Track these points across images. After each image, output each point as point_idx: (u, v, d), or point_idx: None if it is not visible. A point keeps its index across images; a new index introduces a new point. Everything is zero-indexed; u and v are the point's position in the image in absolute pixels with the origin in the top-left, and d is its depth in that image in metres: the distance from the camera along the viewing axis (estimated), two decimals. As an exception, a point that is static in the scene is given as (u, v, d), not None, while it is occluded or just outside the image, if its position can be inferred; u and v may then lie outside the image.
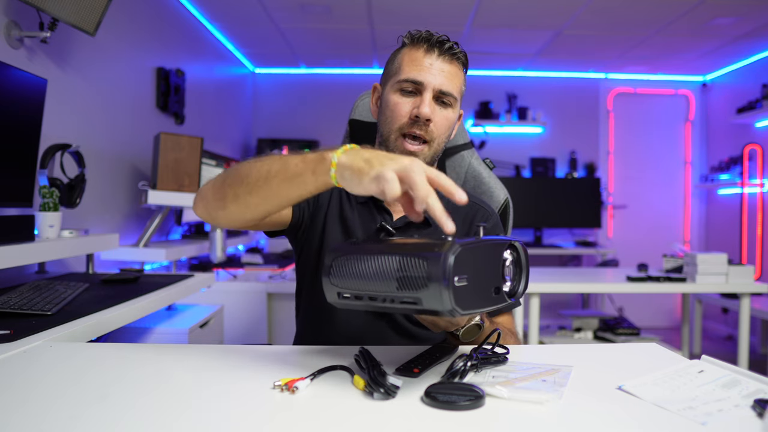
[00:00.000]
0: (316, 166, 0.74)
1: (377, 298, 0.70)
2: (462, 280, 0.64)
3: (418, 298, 0.66)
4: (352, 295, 0.73)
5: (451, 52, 1.03)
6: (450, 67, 1.03)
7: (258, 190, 0.82)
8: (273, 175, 0.80)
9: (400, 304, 0.68)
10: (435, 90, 1.02)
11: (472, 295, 0.67)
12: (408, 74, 1.02)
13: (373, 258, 0.70)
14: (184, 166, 2.40)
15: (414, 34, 1.05)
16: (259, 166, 0.82)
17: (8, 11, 1.76)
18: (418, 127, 1.02)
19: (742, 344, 2.64)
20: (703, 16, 3.41)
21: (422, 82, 1.02)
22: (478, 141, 4.84)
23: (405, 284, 0.66)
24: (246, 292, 2.72)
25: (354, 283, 0.72)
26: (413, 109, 1.02)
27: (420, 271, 0.65)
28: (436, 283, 0.63)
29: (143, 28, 2.75)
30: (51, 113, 1.85)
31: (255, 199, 0.83)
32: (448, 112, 1.05)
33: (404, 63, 1.04)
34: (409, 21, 3.57)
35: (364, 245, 0.75)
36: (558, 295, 4.68)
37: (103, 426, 0.59)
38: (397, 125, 1.04)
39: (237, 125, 4.48)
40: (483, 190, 1.34)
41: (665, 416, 0.62)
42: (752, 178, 4.20)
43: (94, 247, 1.94)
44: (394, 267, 0.67)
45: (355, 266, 0.71)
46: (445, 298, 0.63)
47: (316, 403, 0.65)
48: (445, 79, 1.02)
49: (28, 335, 1.00)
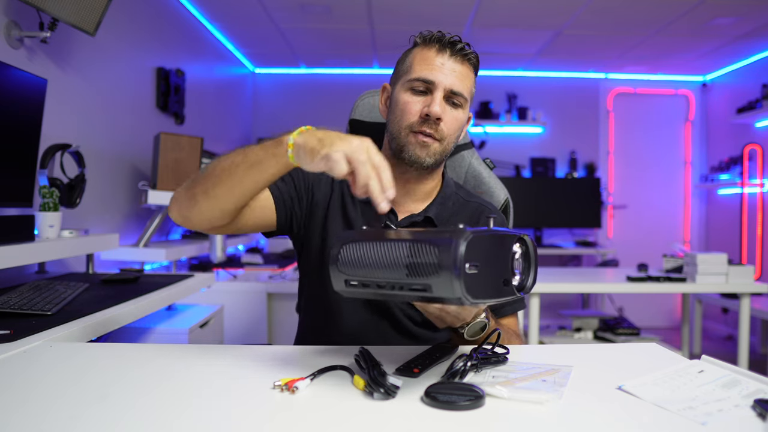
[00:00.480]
0: (275, 149, 0.81)
1: (386, 285, 0.69)
2: (473, 267, 0.64)
3: (428, 284, 0.65)
4: (359, 283, 0.72)
5: (462, 53, 1.03)
6: (461, 68, 1.03)
7: (224, 182, 0.87)
8: (236, 165, 0.86)
9: (410, 291, 0.67)
10: (446, 89, 1.02)
11: (482, 284, 0.66)
12: (419, 73, 1.02)
13: (383, 244, 0.69)
14: (184, 166, 2.40)
15: (426, 34, 1.05)
16: (224, 160, 0.88)
17: (8, 11, 1.76)
18: (428, 125, 1.02)
19: (742, 344, 2.64)
20: (703, 16, 3.41)
21: (433, 81, 1.01)
22: (478, 141, 4.84)
23: (415, 271, 0.66)
24: (246, 292, 2.72)
25: (362, 270, 0.71)
26: (424, 107, 1.02)
27: (431, 258, 0.64)
28: (447, 270, 0.63)
29: (143, 28, 2.75)
30: (51, 113, 1.85)
31: (221, 190, 0.88)
32: (458, 112, 1.05)
33: (415, 62, 1.04)
34: (409, 21, 3.57)
35: (373, 232, 0.74)
36: (558, 295, 4.68)
37: (103, 426, 0.59)
38: (407, 123, 1.03)
39: (237, 125, 4.48)
40: (483, 190, 1.34)
41: (665, 416, 0.62)
42: (752, 178, 4.20)
43: (94, 247, 1.94)
44: (404, 253, 0.67)
45: (363, 253, 0.71)
46: (456, 286, 0.63)
47: (316, 403, 0.65)
48: (456, 80, 1.02)
49: (28, 335, 1.00)
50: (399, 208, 1.12)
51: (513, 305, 1.11)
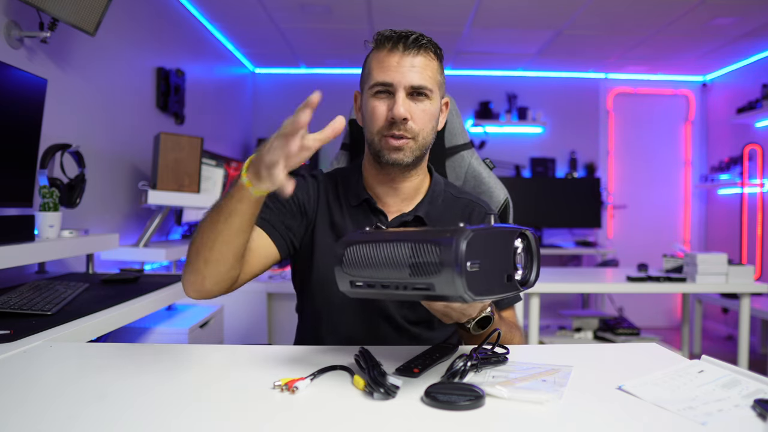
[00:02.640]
0: (238, 194, 0.86)
1: (390, 285, 0.70)
2: (474, 265, 0.64)
3: (430, 283, 0.66)
4: (364, 283, 0.73)
5: (416, 44, 1.02)
6: (420, 59, 1.02)
7: (215, 243, 0.90)
8: (216, 223, 0.89)
9: (413, 290, 0.68)
10: (406, 88, 1.01)
11: (484, 281, 0.67)
12: (377, 77, 1.02)
13: (386, 245, 0.70)
14: (184, 166, 2.40)
15: (377, 37, 1.04)
16: (204, 227, 0.92)
17: (8, 11, 1.76)
18: (397, 128, 1.02)
19: (742, 344, 2.64)
20: (703, 16, 3.41)
21: (391, 83, 1.01)
22: (478, 141, 4.84)
23: (418, 270, 0.67)
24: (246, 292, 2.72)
25: (366, 271, 0.72)
26: (389, 111, 1.02)
27: (432, 257, 0.65)
28: (449, 269, 0.63)
29: (143, 28, 2.75)
30: (51, 113, 1.85)
31: (218, 252, 0.91)
32: (426, 104, 1.04)
33: (373, 67, 1.04)
34: (408, 21, 3.56)
35: (376, 233, 0.75)
36: (558, 295, 4.68)
37: (102, 426, 0.59)
38: (377, 129, 1.04)
39: (237, 125, 4.48)
40: (483, 190, 1.34)
41: (665, 416, 0.62)
42: (752, 178, 4.20)
43: (94, 247, 1.94)
44: (406, 253, 0.68)
45: (367, 254, 0.72)
46: (458, 284, 0.63)
47: (316, 403, 0.65)
48: (415, 74, 1.01)
49: (28, 335, 1.00)
50: (388, 209, 1.11)
51: (511, 298, 1.11)
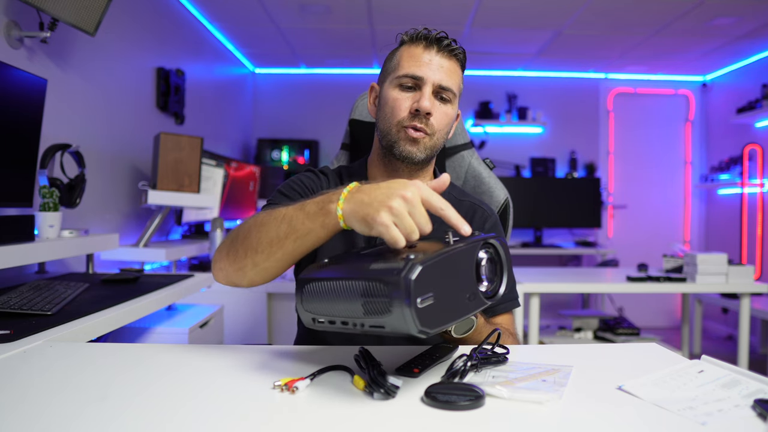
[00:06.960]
0: (324, 219, 0.77)
1: (348, 322, 0.68)
2: (426, 300, 0.62)
3: (383, 322, 0.64)
4: (326, 320, 0.71)
5: (449, 49, 1.04)
6: (449, 64, 1.04)
7: (274, 254, 0.84)
8: (284, 237, 0.82)
9: (370, 328, 0.66)
10: (434, 85, 1.03)
11: (441, 310, 0.64)
12: (407, 70, 1.03)
13: (339, 282, 0.68)
14: (184, 166, 2.40)
15: (412, 32, 1.06)
16: (267, 232, 0.84)
17: (8, 11, 1.76)
18: (419, 120, 1.03)
19: (742, 344, 2.64)
20: (703, 16, 3.41)
21: (422, 77, 1.02)
22: (478, 141, 4.84)
23: (370, 309, 0.65)
24: (246, 292, 2.72)
25: (325, 308, 0.70)
26: (413, 103, 1.03)
27: (381, 296, 0.62)
28: (398, 308, 0.61)
29: (143, 28, 2.75)
30: (51, 113, 1.85)
31: (273, 262, 0.85)
32: (447, 108, 1.06)
33: (403, 59, 1.05)
34: (408, 21, 3.56)
35: (332, 267, 0.73)
36: (558, 295, 4.68)
37: (102, 426, 0.59)
38: (397, 119, 1.04)
39: (237, 125, 4.48)
40: (483, 190, 1.34)
41: (665, 416, 0.62)
42: (752, 178, 4.20)
43: (94, 247, 1.94)
44: (358, 291, 0.65)
45: (323, 291, 0.70)
46: (410, 322, 0.61)
47: (316, 403, 0.65)
48: (444, 75, 1.03)
49: (28, 335, 1.00)
50: None
51: (506, 303, 1.10)
